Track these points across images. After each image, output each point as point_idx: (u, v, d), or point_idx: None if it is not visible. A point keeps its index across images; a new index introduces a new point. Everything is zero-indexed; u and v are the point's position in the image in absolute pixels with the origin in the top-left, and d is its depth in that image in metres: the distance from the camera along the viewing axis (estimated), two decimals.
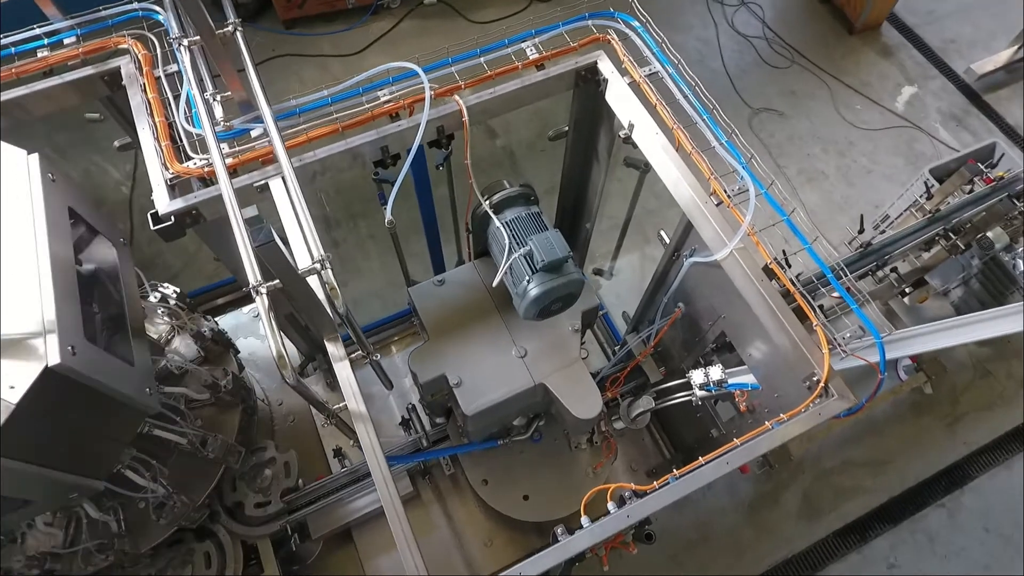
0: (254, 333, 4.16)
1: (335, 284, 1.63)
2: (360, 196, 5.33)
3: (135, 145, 2.56)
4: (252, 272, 1.51)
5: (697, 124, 2.27)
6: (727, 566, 4.21)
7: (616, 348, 3.39)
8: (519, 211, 2.47)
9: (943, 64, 6.20)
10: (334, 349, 1.96)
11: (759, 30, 6.40)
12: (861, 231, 3.66)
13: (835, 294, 2.12)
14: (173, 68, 2.35)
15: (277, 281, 1.55)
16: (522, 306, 2.37)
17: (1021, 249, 3.95)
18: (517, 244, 2.36)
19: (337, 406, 2.54)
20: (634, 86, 2.36)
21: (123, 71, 2.40)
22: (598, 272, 3.49)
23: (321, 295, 1.76)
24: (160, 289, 3.02)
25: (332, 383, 3.70)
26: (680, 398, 2.60)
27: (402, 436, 3.35)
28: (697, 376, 2.42)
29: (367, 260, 5.10)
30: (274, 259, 1.56)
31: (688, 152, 2.22)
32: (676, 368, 3.06)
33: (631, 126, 2.36)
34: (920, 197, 3.83)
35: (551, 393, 2.53)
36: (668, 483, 1.72)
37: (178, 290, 3.08)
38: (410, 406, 3.26)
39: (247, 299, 3.99)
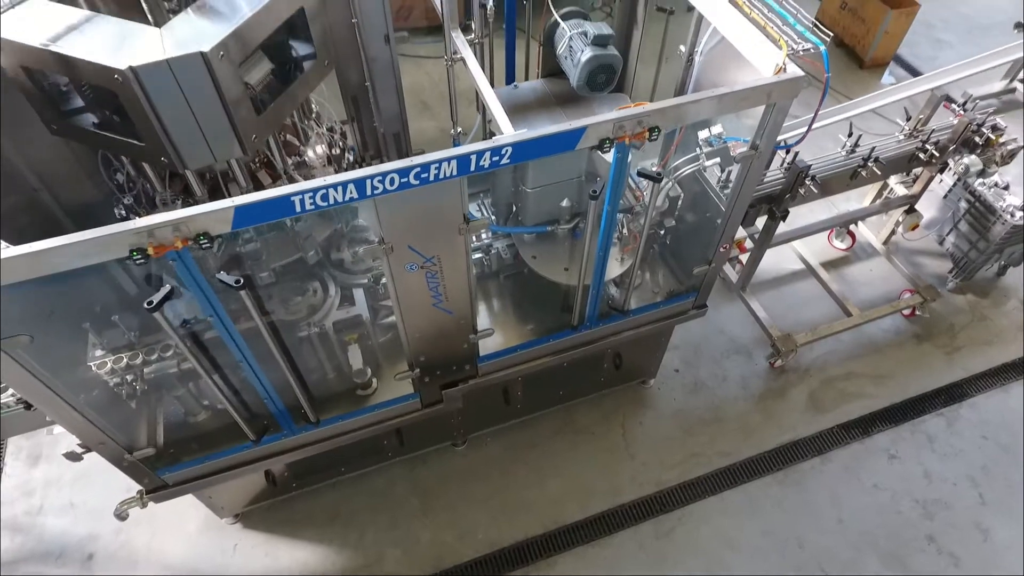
0: None
1: None
2: None
3: None
4: None
5: None
6: (735, 442, 4.66)
7: None
8: (580, 20, 3.50)
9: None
10: None
11: None
12: (850, 135, 4.51)
13: None
14: None
15: None
16: (576, 72, 3.32)
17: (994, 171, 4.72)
18: (577, 32, 3.36)
19: None
20: None
21: None
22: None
23: None
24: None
25: None
26: (690, 168, 3.40)
27: None
28: (701, 133, 3.26)
29: None
30: None
31: None
32: None
33: None
34: (900, 120, 4.71)
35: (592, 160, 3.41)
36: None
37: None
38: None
39: None
